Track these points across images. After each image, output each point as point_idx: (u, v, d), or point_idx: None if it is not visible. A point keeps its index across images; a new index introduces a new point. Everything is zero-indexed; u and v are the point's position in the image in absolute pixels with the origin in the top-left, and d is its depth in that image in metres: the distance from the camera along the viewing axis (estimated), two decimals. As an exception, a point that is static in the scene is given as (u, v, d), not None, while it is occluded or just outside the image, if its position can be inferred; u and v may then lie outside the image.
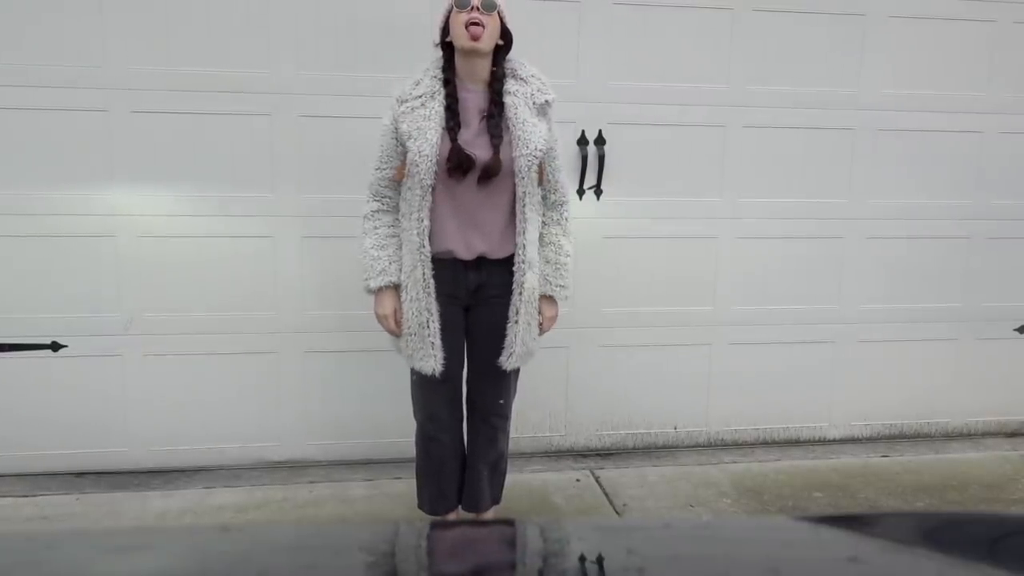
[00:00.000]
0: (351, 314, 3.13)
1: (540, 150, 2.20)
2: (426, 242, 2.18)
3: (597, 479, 3.13)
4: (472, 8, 2.14)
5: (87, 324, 3.01)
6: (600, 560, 0.81)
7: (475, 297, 2.30)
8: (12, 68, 2.83)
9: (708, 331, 3.39)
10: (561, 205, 2.38)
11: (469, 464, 2.47)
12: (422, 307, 2.21)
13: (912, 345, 3.54)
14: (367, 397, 3.18)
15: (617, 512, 2.86)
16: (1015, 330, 3.61)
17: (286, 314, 3.11)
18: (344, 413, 3.21)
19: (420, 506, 2.51)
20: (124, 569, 0.76)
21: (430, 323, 2.21)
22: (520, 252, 2.24)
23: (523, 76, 2.25)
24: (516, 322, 2.26)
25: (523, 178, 2.20)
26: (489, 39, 2.18)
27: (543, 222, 2.35)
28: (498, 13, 2.20)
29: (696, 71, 3.20)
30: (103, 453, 3.09)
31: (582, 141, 3.16)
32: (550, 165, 2.31)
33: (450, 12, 2.21)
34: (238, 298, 3.08)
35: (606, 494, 3.00)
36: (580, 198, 3.19)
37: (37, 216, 2.92)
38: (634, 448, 3.42)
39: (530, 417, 3.32)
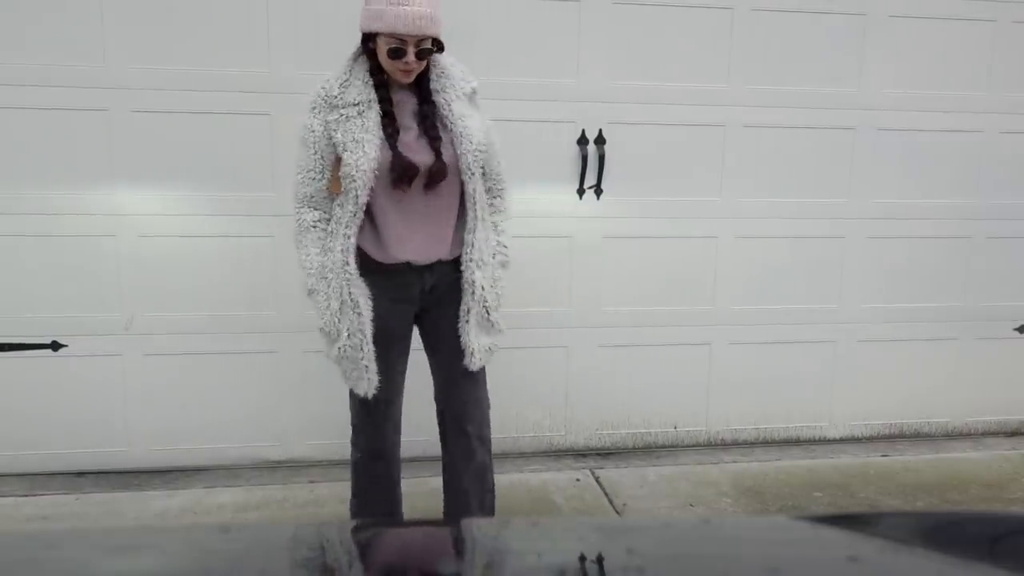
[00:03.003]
0: (351, 314, 3.13)
1: (484, 144, 2.12)
2: (351, 260, 2.07)
3: (597, 479, 3.13)
4: (407, 58, 2.00)
5: (87, 324, 3.01)
6: (600, 560, 0.81)
7: (428, 299, 2.20)
8: (12, 68, 2.83)
9: (708, 331, 3.39)
10: (495, 192, 2.27)
11: (453, 487, 2.31)
12: (355, 328, 2.09)
13: (912, 345, 3.54)
14: (367, 397, 3.18)
15: (617, 512, 2.86)
16: (1015, 330, 3.61)
17: (286, 314, 3.11)
18: (344, 413, 3.19)
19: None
20: (124, 569, 0.76)
21: (363, 346, 2.10)
22: (468, 251, 2.14)
23: (444, 66, 2.11)
24: (468, 322, 2.17)
25: (471, 175, 2.11)
26: (419, 69, 2.06)
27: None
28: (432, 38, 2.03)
29: (696, 71, 3.19)
30: (103, 453, 3.09)
31: (582, 141, 3.16)
32: (488, 154, 2.19)
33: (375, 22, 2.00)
34: (238, 298, 3.08)
35: (606, 494, 3.00)
36: (580, 198, 3.19)
37: (37, 216, 2.92)
38: (634, 448, 3.42)
39: (530, 417, 3.32)
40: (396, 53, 1.99)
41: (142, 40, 2.88)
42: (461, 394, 2.25)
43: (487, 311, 2.19)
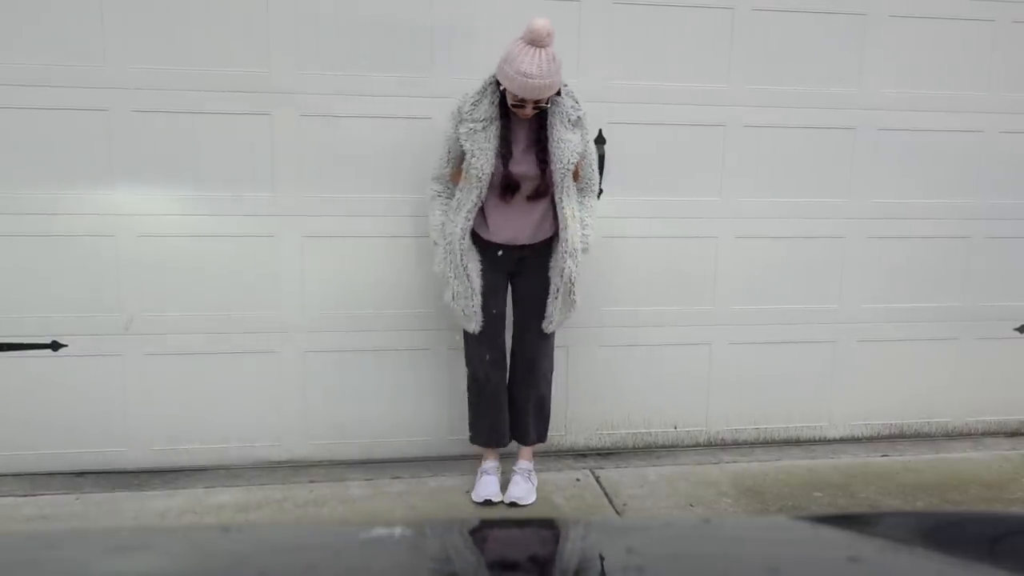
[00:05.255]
0: (351, 313, 3.13)
1: (572, 162, 2.68)
2: (467, 237, 2.72)
3: (597, 479, 3.13)
4: (526, 111, 2.59)
5: (87, 324, 3.01)
6: (600, 560, 0.81)
7: (519, 267, 2.82)
8: (11, 68, 2.83)
9: (708, 331, 3.39)
10: (587, 192, 2.86)
11: (516, 407, 2.96)
12: (466, 285, 2.74)
13: (912, 345, 3.53)
14: (367, 397, 3.18)
15: (617, 512, 2.86)
16: (1015, 330, 3.61)
17: (286, 314, 3.11)
18: (344, 413, 3.21)
19: (473, 440, 3.02)
20: (124, 569, 0.76)
21: (473, 297, 2.75)
22: (563, 244, 2.73)
23: (561, 96, 2.66)
24: (556, 298, 2.78)
25: (558, 187, 2.69)
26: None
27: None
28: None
29: (696, 71, 3.19)
30: (103, 453, 3.09)
31: (582, 141, 3.16)
32: (582, 162, 2.77)
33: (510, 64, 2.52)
34: (238, 298, 3.07)
35: (606, 494, 3.01)
36: (580, 198, 3.19)
37: (37, 216, 2.92)
38: (634, 448, 3.42)
39: (530, 417, 3.31)
40: (518, 106, 2.59)
41: (142, 40, 2.88)
42: (533, 345, 2.90)
43: (571, 292, 2.78)
